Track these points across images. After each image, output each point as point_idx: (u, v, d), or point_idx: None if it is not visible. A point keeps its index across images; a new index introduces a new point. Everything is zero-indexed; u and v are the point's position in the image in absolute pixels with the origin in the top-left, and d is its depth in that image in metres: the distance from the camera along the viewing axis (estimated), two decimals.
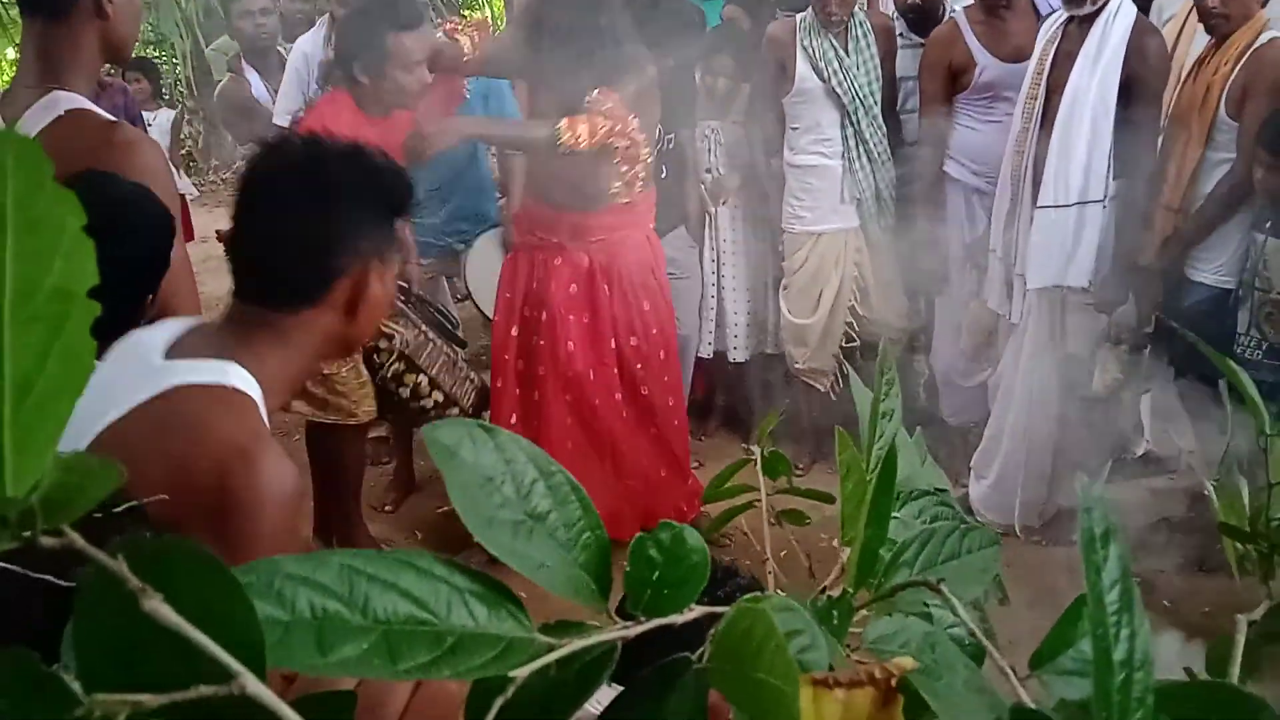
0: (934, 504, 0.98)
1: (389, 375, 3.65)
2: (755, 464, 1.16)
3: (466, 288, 4.68)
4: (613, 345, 3.98)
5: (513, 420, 3.97)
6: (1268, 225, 3.55)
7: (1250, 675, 0.77)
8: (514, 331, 4.00)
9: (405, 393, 3.68)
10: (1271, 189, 3.50)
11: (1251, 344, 3.59)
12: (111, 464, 0.37)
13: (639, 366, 4.01)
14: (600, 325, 3.95)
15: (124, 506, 0.96)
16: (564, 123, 3.52)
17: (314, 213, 1.61)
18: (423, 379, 3.68)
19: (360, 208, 1.64)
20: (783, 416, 1.33)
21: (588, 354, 3.94)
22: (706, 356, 4.95)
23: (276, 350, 1.59)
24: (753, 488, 1.14)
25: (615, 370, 4.00)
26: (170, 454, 1.43)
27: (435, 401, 3.77)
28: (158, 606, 0.38)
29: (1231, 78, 3.63)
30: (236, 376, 1.53)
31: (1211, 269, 3.74)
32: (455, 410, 3.80)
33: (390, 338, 3.61)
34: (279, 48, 4.95)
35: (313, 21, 5.48)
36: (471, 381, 3.86)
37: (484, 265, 4.54)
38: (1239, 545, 0.99)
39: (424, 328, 3.73)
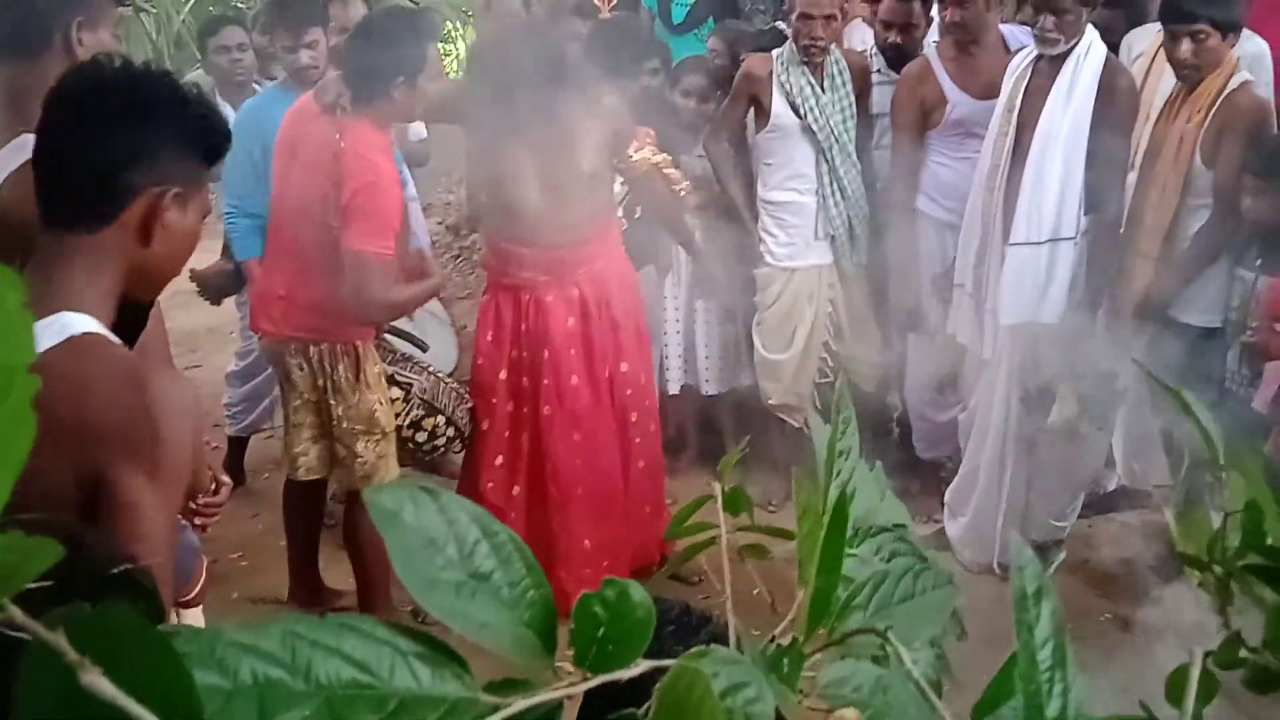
0: (892, 540, 0.99)
1: (407, 423, 3.67)
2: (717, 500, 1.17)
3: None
4: (606, 374, 4.00)
5: (498, 462, 3.95)
6: (1257, 263, 3.59)
7: (1206, 703, 0.79)
8: (502, 374, 3.97)
9: (423, 437, 3.70)
10: (1260, 218, 3.54)
11: (1243, 381, 3.62)
12: (50, 541, 0.39)
13: (629, 393, 4.03)
14: (594, 356, 3.96)
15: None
16: (633, 147, 3.77)
17: (106, 126, 1.64)
18: (440, 419, 3.71)
19: (158, 130, 1.66)
20: (745, 451, 1.34)
21: (587, 386, 3.96)
22: (674, 393, 4.95)
23: (89, 279, 1.62)
24: (715, 525, 1.15)
25: (609, 400, 4.01)
26: (64, 420, 1.47)
27: (447, 437, 3.78)
28: (95, 680, 0.39)
29: (1205, 125, 3.68)
30: (75, 323, 1.57)
31: (1196, 310, 3.79)
32: (458, 442, 3.85)
33: (407, 387, 3.65)
34: (254, 83, 4.96)
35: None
36: (469, 405, 3.88)
37: None
38: (1197, 574, 1.01)
39: (430, 368, 3.74)
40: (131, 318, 1.73)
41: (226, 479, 2.28)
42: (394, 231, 3.39)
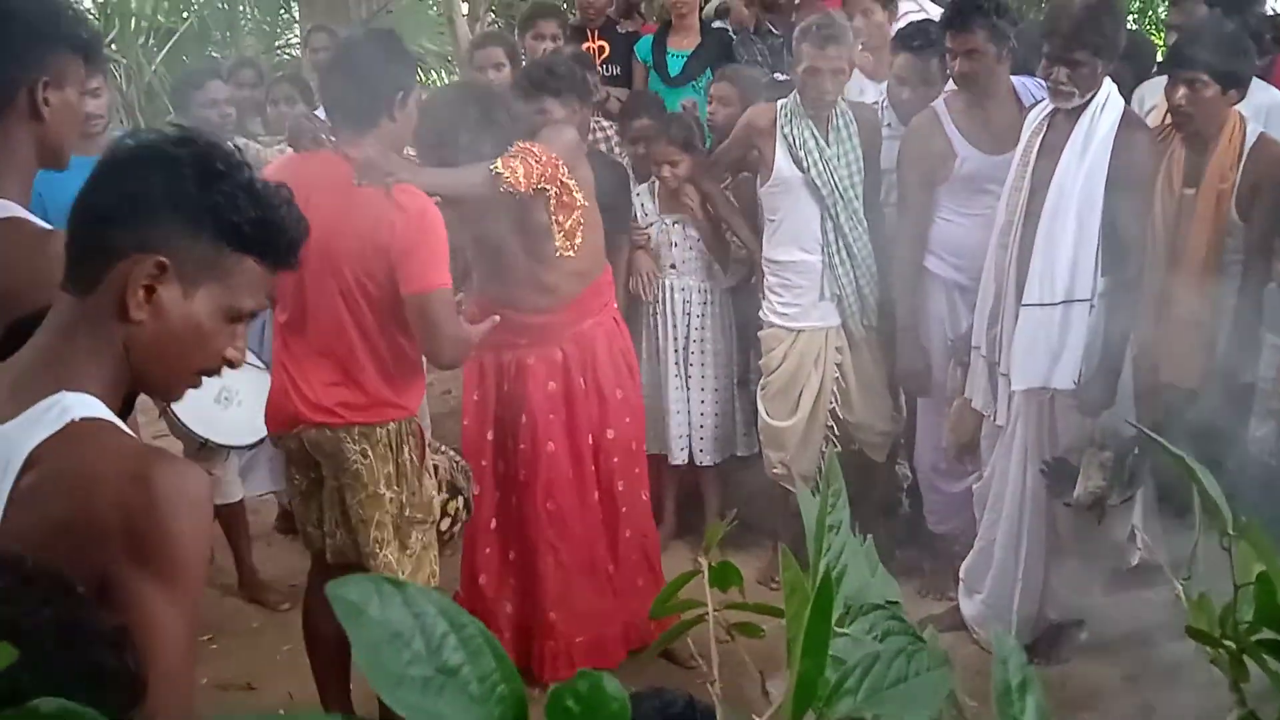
0: (885, 619, 1.00)
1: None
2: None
3: None
4: (590, 441, 4.01)
5: (491, 526, 3.98)
6: None
7: None
8: (489, 435, 4.01)
9: (446, 523, 3.58)
10: None
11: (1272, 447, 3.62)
12: (4, 645, 0.40)
13: (615, 460, 4.05)
14: (577, 421, 3.99)
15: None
16: (499, 161, 3.55)
17: (107, 180, 1.62)
18: (460, 500, 3.64)
19: (155, 194, 1.59)
20: (743, 525, 1.35)
21: (568, 454, 3.97)
22: (680, 463, 4.98)
23: (89, 353, 1.58)
24: (703, 603, 1.16)
25: (592, 467, 4.02)
26: (64, 519, 1.44)
27: (463, 521, 3.70)
28: None
29: (1238, 181, 3.73)
30: (74, 406, 1.52)
31: (1222, 374, 3.77)
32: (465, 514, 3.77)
33: (433, 469, 3.56)
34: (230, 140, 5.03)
35: (261, 107, 5.58)
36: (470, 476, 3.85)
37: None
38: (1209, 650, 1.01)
39: (444, 448, 3.69)
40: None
41: None
42: (447, 260, 3.29)
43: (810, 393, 4.57)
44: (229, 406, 4.03)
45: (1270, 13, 4.71)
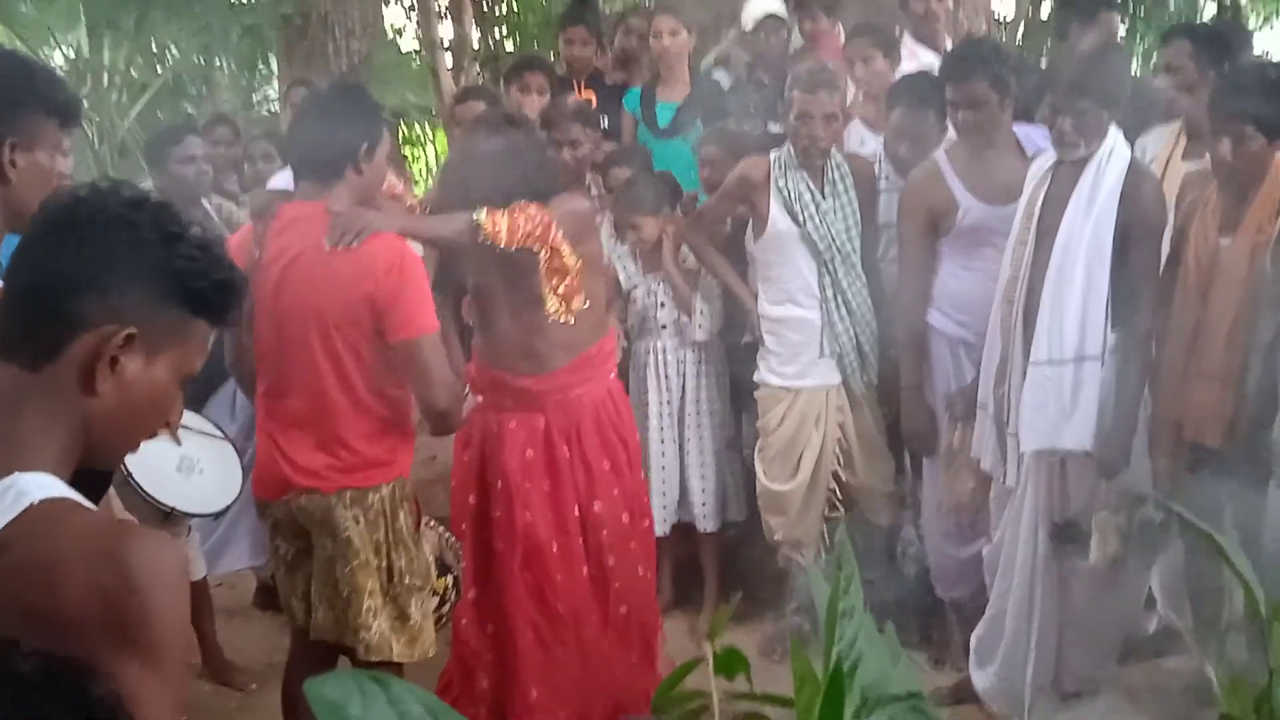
0: (906, 711, 0.98)
1: None
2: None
3: (124, 468, 3.91)
4: (576, 513, 3.97)
5: (470, 595, 3.94)
6: None
7: None
8: (471, 499, 4.00)
9: (434, 602, 3.55)
10: None
11: None
12: None
13: (604, 533, 4.00)
14: (562, 492, 3.95)
15: None
16: (483, 212, 3.58)
17: (62, 247, 1.58)
18: (450, 578, 3.62)
19: (119, 260, 1.57)
20: (739, 597, 1.34)
21: (549, 524, 3.93)
22: (663, 535, 4.91)
23: (43, 429, 1.55)
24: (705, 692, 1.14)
25: (580, 540, 3.98)
26: (35, 608, 1.40)
27: (451, 598, 3.67)
28: None
29: (1277, 233, 3.65)
30: (31, 487, 1.49)
31: (1248, 437, 3.71)
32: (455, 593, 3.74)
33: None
34: (204, 199, 5.05)
35: (237, 166, 5.59)
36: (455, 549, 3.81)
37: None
38: None
39: (433, 523, 3.67)
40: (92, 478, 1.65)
41: None
42: (432, 304, 3.32)
43: (811, 454, 4.55)
44: (191, 475, 3.99)
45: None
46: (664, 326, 4.91)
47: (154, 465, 3.81)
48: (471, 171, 3.78)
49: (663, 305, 4.90)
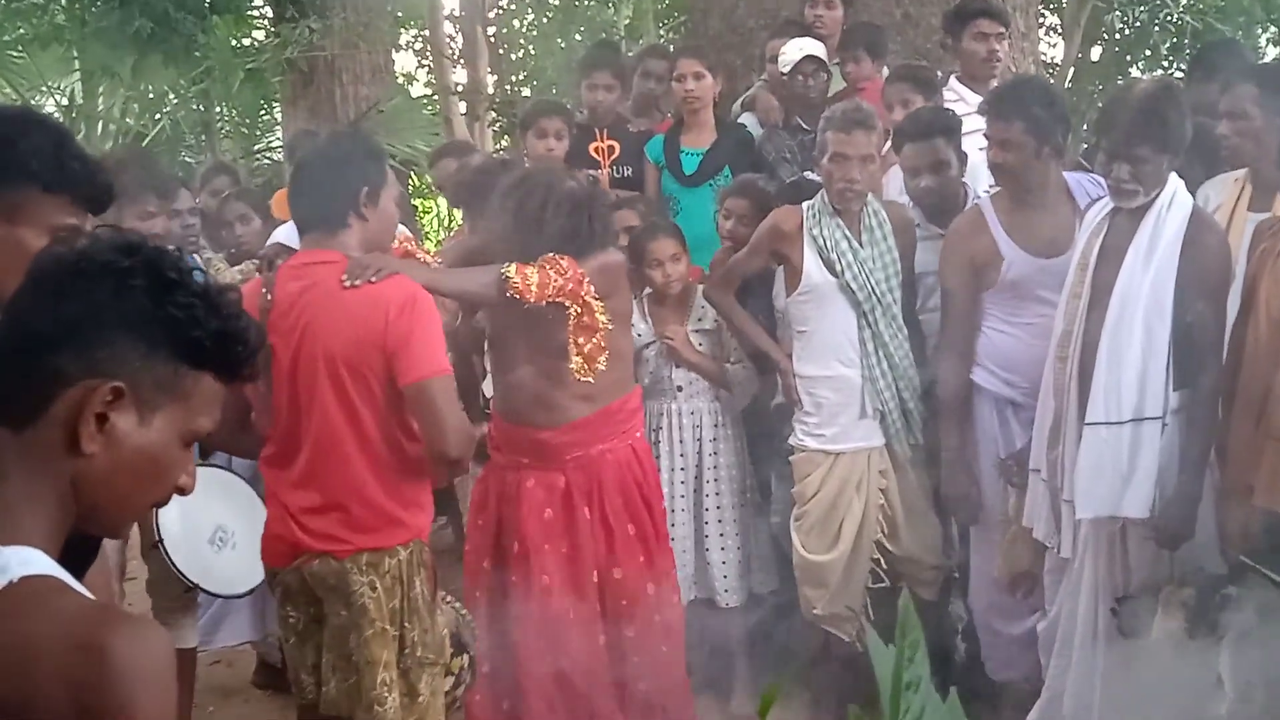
0: None
1: None
2: None
3: (157, 534, 4.08)
4: (594, 578, 3.96)
5: (484, 669, 3.91)
6: None
7: None
8: (486, 564, 4.00)
9: (449, 683, 3.54)
10: None
11: None
12: None
13: (624, 603, 3.99)
14: (580, 556, 3.95)
15: None
16: (512, 267, 3.63)
17: (44, 298, 1.55)
18: (465, 658, 3.61)
19: (110, 308, 1.55)
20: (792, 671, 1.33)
21: (566, 590, 3.93)
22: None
23: (28, 497, 1.52)
24: None
25: (597, 607, 3.97)
26: (8, 692, 1.38)
27: (466, 680, 3.65)
28: None
29: None
30: (13, 563, 1.46)
31: None
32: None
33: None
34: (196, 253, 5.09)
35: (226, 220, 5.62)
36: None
37: (175, 510, 4.03)
38: None
39: (449, 598, 3.66)
40: (80, 541, 1.62)
41: None
42: (444, 346, 3.35)
43: (853, 523, 4.51)
44: (223, 549, 4.00)
45: None
46: (679, 387, 4.89)
47: (188, 534, 3.83)
48: (504, 224, 3.82)
49: (677, 365, 4.89)
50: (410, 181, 8.35)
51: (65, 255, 1.58)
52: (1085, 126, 9.11)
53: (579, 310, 3.79)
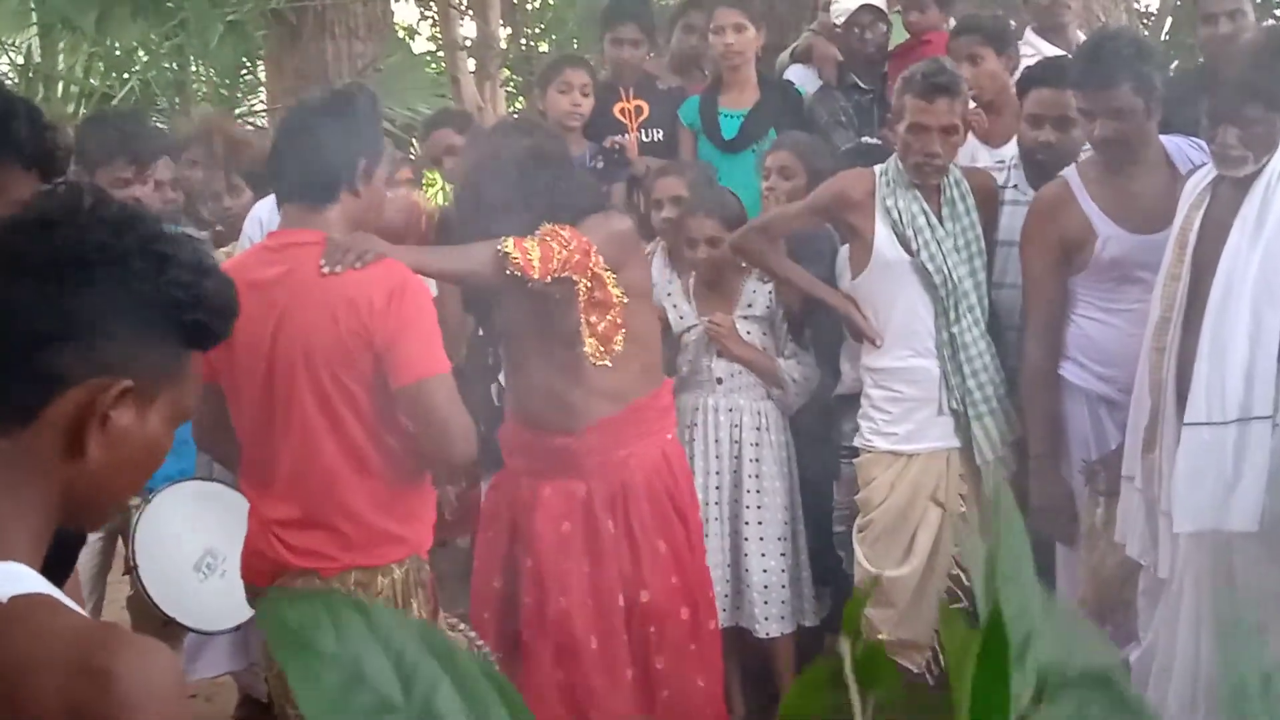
0: (1100, 693, 0.91)
1: None
2: None
3: (133, 559, 4.14)
4: (620, 601, 3.93)
5: None
6: None
7: None
8: (496, 583, 3.99)
9: None
10: None
11: None
12: None
13: (652, 630, 3.97)
14: (604, 574, 3.92)
15: None
16: (510, 241, 3.56)
17: (37, 288, 1.54)
18: None
19: (113, 298, 1.56)
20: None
21: (587, 614, 3.90)
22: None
23: (16, 508, 1.53)
24: None
25: (624, 636, 3.95)
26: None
27: None
28: None
29: None
30: (4, 581, 1.47)
31: None
32: None
33: None
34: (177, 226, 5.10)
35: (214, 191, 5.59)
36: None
37: (157, 531, 4.12)
38: None
39: (456, 621, 3.66)
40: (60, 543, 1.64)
41: None
42: (441, 340, 3.30)
43: (928, 533, 4.48)
44: (210, 577, 3.97)
45: None
46: (718, 379, 4.84)
47: (170, 561, 3.80)
48: (489, 191, 3.76)
49: (718, 353, 4.84)
50: (412, 149, 8.30)
51: (55, 235, 1.57)
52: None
53: (589, 284, 3.75)
